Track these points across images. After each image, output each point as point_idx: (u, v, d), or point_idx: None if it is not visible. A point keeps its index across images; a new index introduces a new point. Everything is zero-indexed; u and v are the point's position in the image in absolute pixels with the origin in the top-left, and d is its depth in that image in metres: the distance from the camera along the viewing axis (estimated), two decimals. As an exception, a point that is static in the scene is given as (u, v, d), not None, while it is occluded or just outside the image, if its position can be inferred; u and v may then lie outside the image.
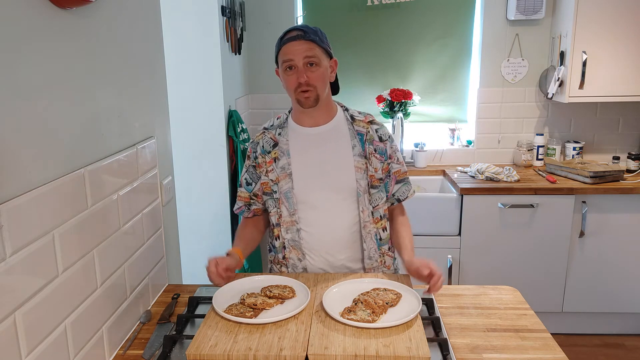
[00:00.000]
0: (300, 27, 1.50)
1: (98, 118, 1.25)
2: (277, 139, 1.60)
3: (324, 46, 1.51)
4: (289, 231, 1.59)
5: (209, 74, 2.60)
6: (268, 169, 1.59)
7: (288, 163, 1.56)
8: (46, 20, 1.03)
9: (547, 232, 2.86)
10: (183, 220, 2.10)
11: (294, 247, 1.60)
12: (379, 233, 1.62)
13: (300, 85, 1.47)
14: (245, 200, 1.68)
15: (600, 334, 3.03)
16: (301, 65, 1.47)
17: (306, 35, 1.47)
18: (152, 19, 1.62)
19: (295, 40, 1.47)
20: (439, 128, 3.49)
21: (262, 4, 3.25)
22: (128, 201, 1.39)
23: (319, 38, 1.49)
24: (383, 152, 1.60)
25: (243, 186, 1.68)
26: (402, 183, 1.67)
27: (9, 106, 0.91)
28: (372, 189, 1.58)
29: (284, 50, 1.49)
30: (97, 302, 1.22)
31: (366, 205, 1.58)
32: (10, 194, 0.91)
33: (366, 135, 1.58)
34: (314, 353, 1.15)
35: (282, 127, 1.61)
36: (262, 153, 1.61)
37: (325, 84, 1.52)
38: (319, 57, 1.48)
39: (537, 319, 1.41)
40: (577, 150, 3.25)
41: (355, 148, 1.57)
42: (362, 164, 1.56)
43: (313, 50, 1.47)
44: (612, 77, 2.91)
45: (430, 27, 3.33)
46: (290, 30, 1.50)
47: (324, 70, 1.51)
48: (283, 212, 1.58)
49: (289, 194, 1.56)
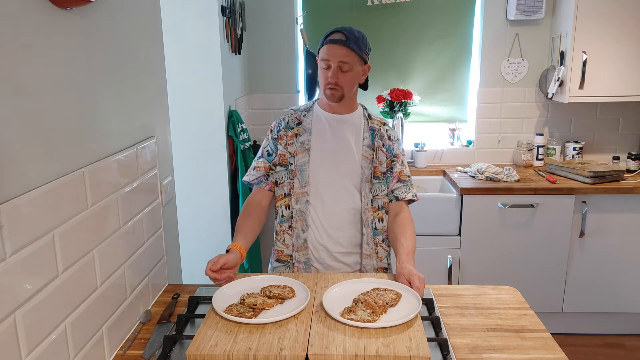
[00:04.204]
0: (346, 31, 1.62)
1: (98, 118, 1.25)
2: (301, 119, 1.76)
3: (361, 54, 1.64)
4: (298, 202, 1.71)
5: (209, 74, 2.60)
6: (288, 142, 1.73)
7: (308, 139, 1.72)
8: (46, 20, 1.03)
9: (547, 232, 2.86)
10: (183, 220, 2.10)
11: (300, 218, 1.71)
12: (374, 222, 1.73)
13: (329, 83, 1.64)
14: (265, 170, 1.76)
15: (600, 334, 3.03)
16: (335, 67, 1.62)
17: (347, 42, 1.60)
18: (152, 18, 1.62)
19: (336, 44, 1.61)
20: (439, 128, 3.49)
21: (262, 4, 3.25)
22: (128, 201, 1.39)
23: (358, 46, 1.62)
24: (390, 149, 1.75)
25: (264, 157, 1.77)
26: (402, 183, 1.76)
27: (9, 106, 0.91)
28: (374, 179, 1.72)
29: (324, 49, 1.64)
30: (97, 302, 1.22)
31: (367, 193, 1.71)
32: (10, 194, 0.91)
33: (377, 131, 1.74)
34: (314, 353, 1.15)
35: (307, 111, 1.77)
36: (286, 128, 1.75)
37: (352, 86, 1.68)
38: (352, 64, 1.63)
39: (537, 319, 1.41)
40: (577, 150, 3.25)
41: (365, 140, 1.73)
42: (369, 155, 1.71)
43: (349, 57, 1.61)
44: (612, 77, 2.91)
45: (430, 27, 3.33)
46: (335, 32, 1.64)
47: (355, 74, 1.66)
48: (295, 183, 1.71)
49: (304, 167, 1.70)
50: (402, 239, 1.63)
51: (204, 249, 2.77)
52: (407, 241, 1.61)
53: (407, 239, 1.62)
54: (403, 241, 1.61)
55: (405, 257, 1.55)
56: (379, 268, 1.75)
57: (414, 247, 1.61)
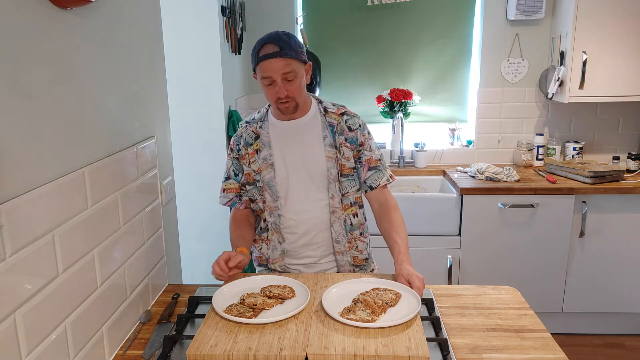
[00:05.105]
0: (274, 39, 1.51)
1: (98, 118, 1.25)
2: (258, 132, 1.68)
3: (299, 57, 1.54)
4: (272, 215, 1.69)
5: (209, 74, 2.60)
6: (251, 160, 1.68)
7: (270, 154, 1.66)
8: (46, 20, 1.03)
9: (547, 232, 2.86)
10: (183, 220, 2.10)
11: (275, 230, 1.70)
12: (348, 219, 1.70)
13: (280, 99, 1.55)
14: (236, 191, 1.73)
15: (600, 334, 3.03)
16: (280, 81, 1.53)
17: (282, 52, 1.50)
18: (152, 18, 1.62)
19: (272, 58, 1.50)
20: (439, 128, 3.49)
21: (262, 4, 3.25)
22: (128, 201, 1.39)
23: (294, 51, 1.52)
24: (354, 140, 1.66)
25: (232, 177, 1.73)
26: (373, 170, 1.69)
27: (9, 106, 0.91)
28: (342, 177, 1.67)
29: (261, 66, 1.53)
30: (97, 302, 1.22)
31: (336, 192, 1.67)
32: (10, 194, 0.91)
33: (337, 126, 1.66)
34: (313, 353, 1.15)
35: (262, 121, 1.70)
36: (245, 145, 1.69)
37: (302, 92, 1.60)
38: (295, 71, 1.54)
39: (537, 319, 1.41)
40: (577, 150, 3.25)
41: (326, 139, 1.65)
42: (332, 154, 1.65)
43: (290, 66, 1.52)
44: (612, 77, 2.91)
45: (430, 27, 3.33)
46: (265, 44, 1.52)
47: (300, 80, 1.57)
48: (267, 198, 1.68)
49: (272, 182, 1.66)
50: (394, 234, 1.61)
51: (204, 249, 2.77)
52: (400, 236, 1.60)
53: (399, 234, 1.61)
54: (396, 237, 1.60)
55: (402, 257, 1.55)
56: (360, 260, 1.73)
57: (407, 241, 1.61)
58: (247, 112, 3.32)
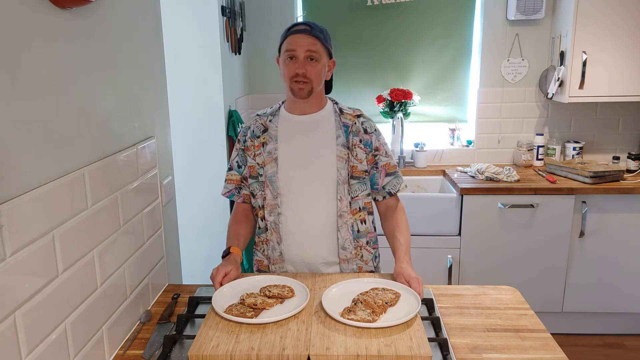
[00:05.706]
0: (308, 22, 1.57)
1: (98, 118, 1.24)
2: (267, 125, 1.66)
3: (327, 45, 1.58)
4: (271, 214, 1.64)
5: (209, 74, 2.60)
6: (256, 152, 1.65)
7: (275, 148, 1.62)
8: (46, 20, 1.03)
9: (547, 232, 2.86)
10: (183, 220, 2.10)
11: (274, 230, 1.65)
12: (356, 224, 1.64)
13: (297, 75, 1.53)
14: (236, 183, 1.71)
15: (600, 334, 3.03)
16: (302, 58, 1.53)
17: (312, 31, 1.54)
18: (152, 18, 1.62)
19: (301, 34, 1.53)
20: (439, 128, 3.49)
21: (262, 4, 3.25)
22: (128, 201, 1.39)
23: (324, 37, 1.56)
24: (368, 143, 1.63)
25: (234, 169, 1.71)
26: (392, 176, 1.67)
27: (9, 106, 0.91)
28: (352, 179, 1.62)
29: (288, 40, 1.55)
30: (97, 302, 1.22)
31: (344, 195, 1.61)
32: (10, 194, 0.91)
33: (352, 127, 1.63)
34: (315, 354, 1.15)
35: (273, 115, 1.67)
36: (252, 137, 1.66)
37: (320, 80, 1.58)
38: (319, 54, 1.55)
39: (537, 319, 1.41)
40: (577, 150, 3.25)
41: (339, 138, 1.62)
42: (344, 154, 1.60)
43: (316, 46, 1.54)
44: (612, 77, 2.91)
45: (430, 27, 3.33)
46: (298, 24, 1.57)
47: (322, 67, 1.57)
48: (267, 195, 1.63)
49: (274, 177, 1.61)
50: (397, 234, 1.61)
51: (204, 249, 2.77)
52: (403, 237, 1.60)
53: (402, 235, 1.60)
54: (399, 237, 1.60)
55: (403, 256, 1.54)
56: (365, 271, 1.67)
57: (410, 243, 1.60)
58: (247, 112, 3.32)
